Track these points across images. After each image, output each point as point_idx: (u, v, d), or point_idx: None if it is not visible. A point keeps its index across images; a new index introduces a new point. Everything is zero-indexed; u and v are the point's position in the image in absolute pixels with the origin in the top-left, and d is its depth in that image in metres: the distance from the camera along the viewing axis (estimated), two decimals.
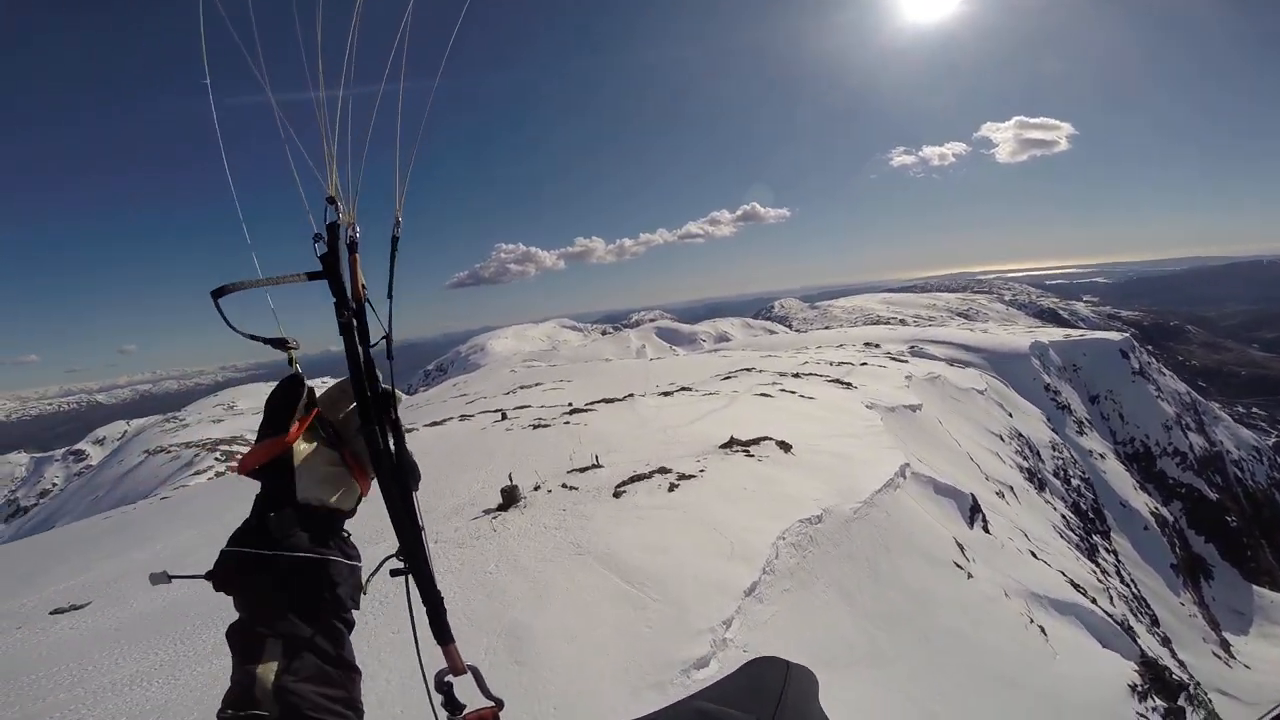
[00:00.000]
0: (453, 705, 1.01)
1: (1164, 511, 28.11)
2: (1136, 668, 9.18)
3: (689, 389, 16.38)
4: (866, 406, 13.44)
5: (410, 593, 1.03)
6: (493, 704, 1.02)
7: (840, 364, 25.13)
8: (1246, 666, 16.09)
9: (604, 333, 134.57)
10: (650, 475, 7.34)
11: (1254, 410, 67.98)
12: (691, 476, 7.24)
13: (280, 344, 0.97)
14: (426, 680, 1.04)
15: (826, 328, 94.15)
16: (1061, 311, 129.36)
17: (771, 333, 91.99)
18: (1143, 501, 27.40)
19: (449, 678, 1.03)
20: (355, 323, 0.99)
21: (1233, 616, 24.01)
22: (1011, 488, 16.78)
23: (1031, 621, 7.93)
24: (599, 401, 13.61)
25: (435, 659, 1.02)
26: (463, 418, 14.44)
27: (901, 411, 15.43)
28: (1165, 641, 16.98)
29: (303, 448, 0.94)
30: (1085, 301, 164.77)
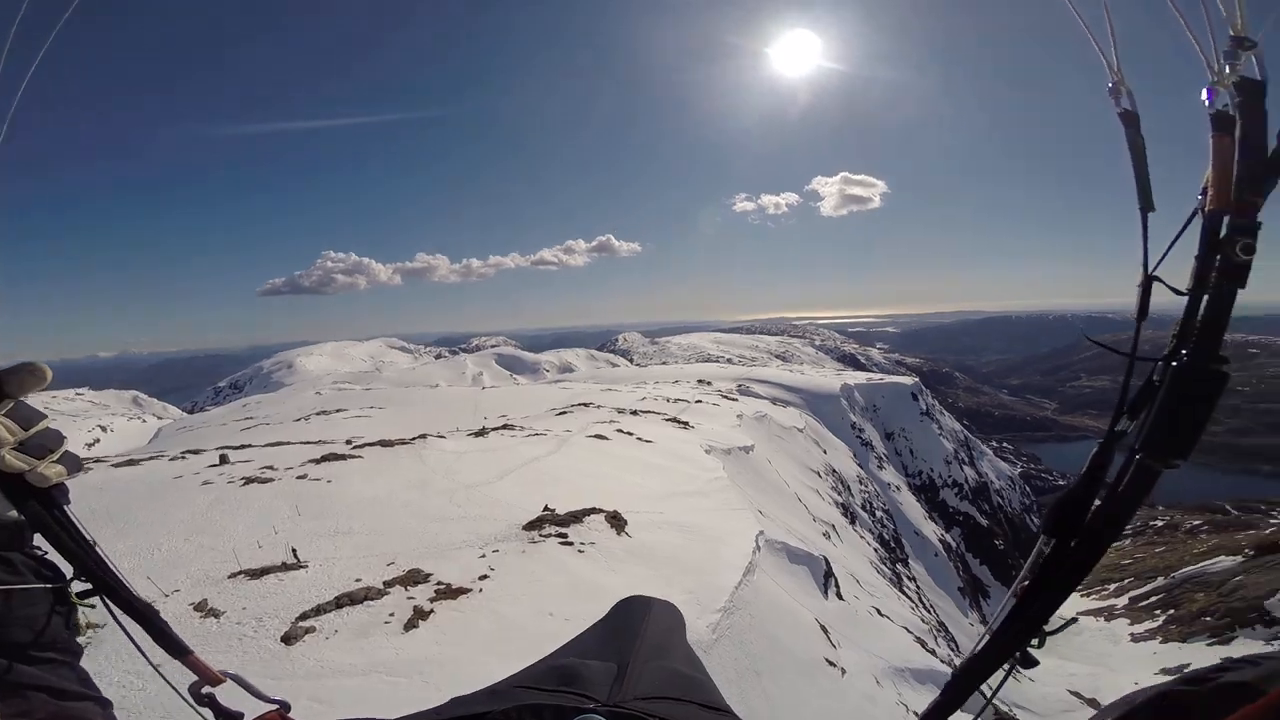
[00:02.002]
0: (226, 715, 0.93)
1: (948, 538, 30.96)
2: None
3: (512, 427, 14.09)
4: (705, 451, 12.18)
5: (114, 611, 0.92)
6: (276, 706, 0.94)
7: (677, 401, 24.62)
8: (1031, 680, 17.26)
9: (438, 356, 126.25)
10: (384, 591, 4.42)
11: (1004, 445, 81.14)
12: (463, 592, 4.51)
13: None
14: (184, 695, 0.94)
15: (664, 363, 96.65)
16: (860, 357, 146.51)
17: (614, 365, 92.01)
18: (931, 529, 29.90)
19: (206, 689, 0.95)
20: None
21: None
22: (834, 526, 16.80)
23: (908, 710, 6.83)
24: (375, 444, 10.49)
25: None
26: (181, 455, 10.56)
27: (737, 454, 14.64)
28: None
29: None
30: (879, 348, 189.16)
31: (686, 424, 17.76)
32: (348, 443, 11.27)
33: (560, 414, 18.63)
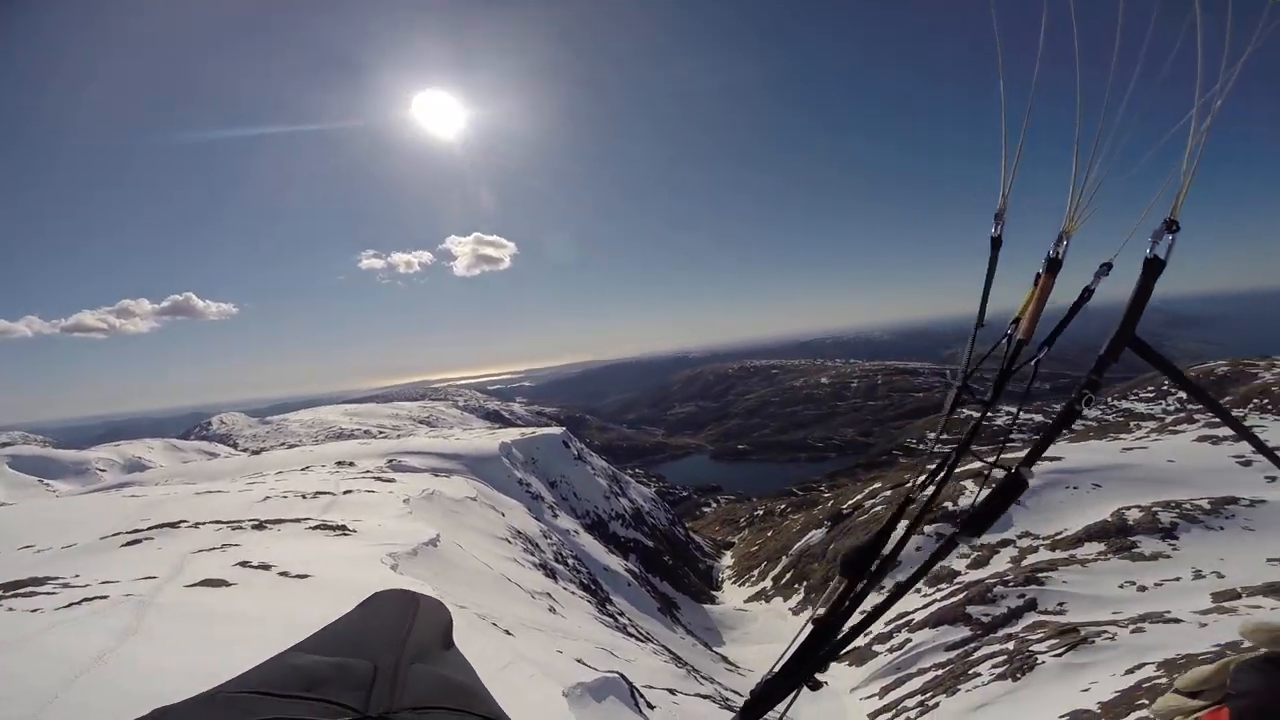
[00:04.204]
0: None
1: (629, 565, 32.46)
2: None
3: (39, 584, 8.07)
4: (392, 567, 9.05)
5: None
6: None
7: (318, 494, 19.59)
8: (750, 670, 18.41)
9: None
10: None
11: (638, 470, 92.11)
12: None
13: None
14: None
15: (285, 445, 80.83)
16: (504, 413, 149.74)
17: (212, 455, 71.74)
18: (615, 562, 30.92)
19: None
20: None
21: (710, 635, 28.45)
22: (549, 594, 15.16)
23: None
24: None
25: None
26: None
27: (426, 553, 11.70)
28: (711, 680, 17.55)
29: None
30: (520, 402, 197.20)
31: (344, 527, 13.84)
32: None
33: (132, 543, 12.36)
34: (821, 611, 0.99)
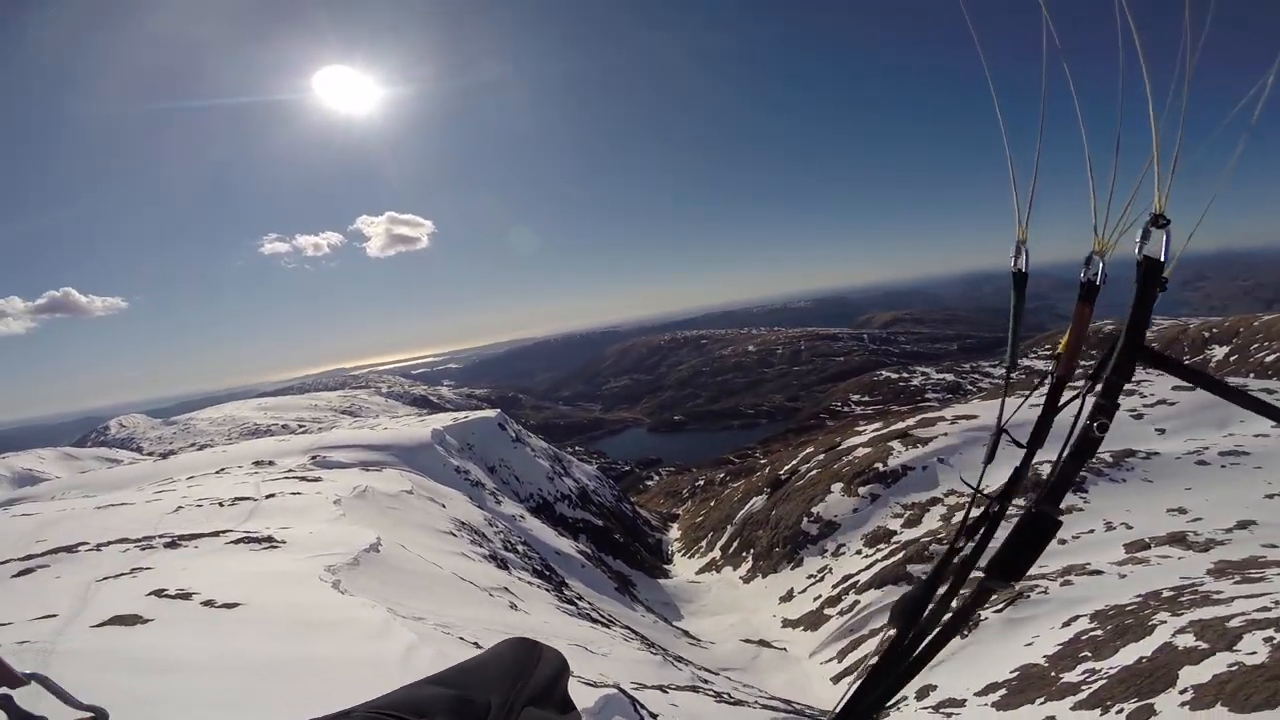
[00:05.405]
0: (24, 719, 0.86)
1: (580, 545, 32.11)
2: None
3: None
4: (334, 584, 8.23)
5: None
6: (91, 714, 0.89)
7: (237, 500, 18.04)
8: (712, 643, 18.51)
9: None
10: None
11: (578, 448, 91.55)
12: None
13: None
14: None
15: (196, 446, 75.06)
16: (431, 397, 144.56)
17: (114, 463, 65.56)
18: (566, 544, 30.46)
19: (1, 691, 0.88)
20: None
21: (668, 610, 28.52)
22: (507, 588, 14.60)
23: None
24: None
25: None
26: None
27: (368, 559, 10.86)
28: (686, 662, 17.57)
29: None
30: (447, 385, 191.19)
31: (271, 539, 12.69)
32: None
33: (24, 573, 10.85)
34: (875, 660, 1.00)
